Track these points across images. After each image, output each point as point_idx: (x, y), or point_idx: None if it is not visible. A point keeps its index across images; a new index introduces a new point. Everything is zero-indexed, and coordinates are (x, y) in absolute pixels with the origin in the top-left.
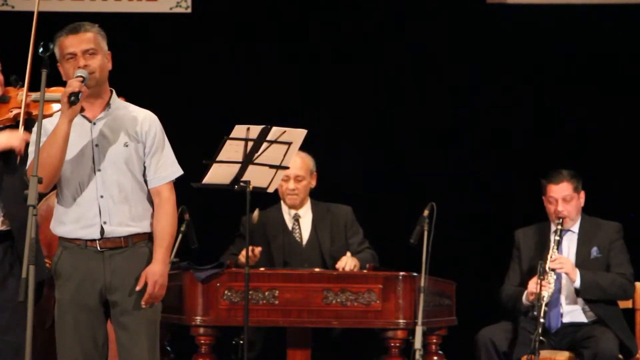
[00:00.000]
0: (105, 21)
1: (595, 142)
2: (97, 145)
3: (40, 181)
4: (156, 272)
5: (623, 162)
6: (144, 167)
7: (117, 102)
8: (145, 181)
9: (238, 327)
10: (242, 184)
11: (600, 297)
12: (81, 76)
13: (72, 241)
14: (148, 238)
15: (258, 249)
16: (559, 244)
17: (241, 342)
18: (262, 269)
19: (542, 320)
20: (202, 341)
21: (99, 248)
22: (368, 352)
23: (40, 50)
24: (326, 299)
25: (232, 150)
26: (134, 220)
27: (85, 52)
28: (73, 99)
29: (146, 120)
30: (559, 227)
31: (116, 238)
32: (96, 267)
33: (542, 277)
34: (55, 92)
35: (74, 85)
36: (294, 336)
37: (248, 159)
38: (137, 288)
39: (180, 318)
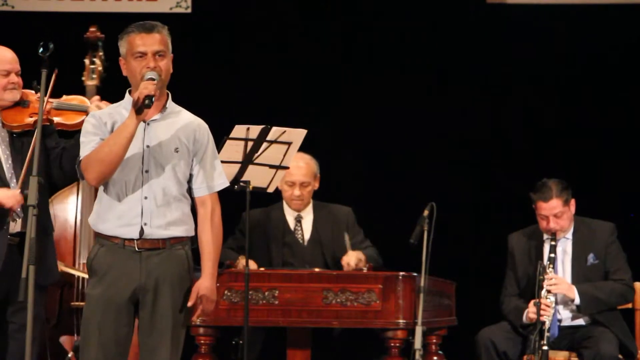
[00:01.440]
0: (106, 21)
1: (594, 142)
2: (148, 147)
3: (40, 182)
4: (208, 287)
5: (622, 162)
6: (190, 175)
7: (172, 105)
8: (189, 189)
9: (238, 327)
10: (242, 184)
11: (601, 309)
12: (152, 78)
13: (110, 239)
14: (186, 241)
15: (255, 265)
16: (554, 261)
17: (241, 342)
18: (262, 269)
19: (545, 347)
20: (202, 341)
21: (136, 248)
22: (368, 352)
23: (41, 50)
24: (326, 299)
25: (232, 150)
26: (172, 225)
27: (156, 53)
28: (148, 103)
29: (199, 128)
30: (552, 242)
31: (154, 240)
32: (133, 267)
33: (539, 304)
34: (73, 100)
35: (149, 88)
36: (294, 336)
37: (248, 159)
38: (189, 304)
39: None
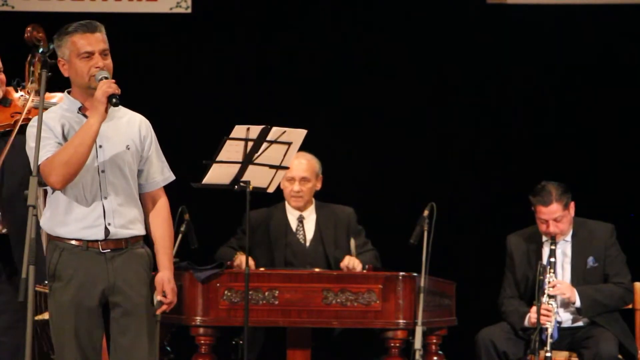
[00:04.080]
0: (106, 21)
1: (594, 142)
2: (100, 147)
3: (40, 181)
4: (171, 279)
5: (622, 162)
6: (137, 171)
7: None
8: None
9: (238, 327)
10: (242, 184)
11: (601, 312)
12: (107, 77)
13: (70, 242)
14: (141, 240)
15: (252, 262)
16: (554, 265)
17: (241, 342)
18: (262, 269)
19: (548, 353)
20: (202, 341)
21: (101, 249)
22: (368, 352)
23: (41, 50)
24: (326, 299)
25: (232, 150)
26: (132, 223)
27: (102, 52)
28: (116, 101)
29: (143, 125)
30: (552, 247)
31: (118, 240)
32: (99, 269)
33: (540, 305)
34: (53, 98)
35: (113, 87)
36: (294, 336)
37: (248, 159)
38: (159, 297)
39: (180, 318)
